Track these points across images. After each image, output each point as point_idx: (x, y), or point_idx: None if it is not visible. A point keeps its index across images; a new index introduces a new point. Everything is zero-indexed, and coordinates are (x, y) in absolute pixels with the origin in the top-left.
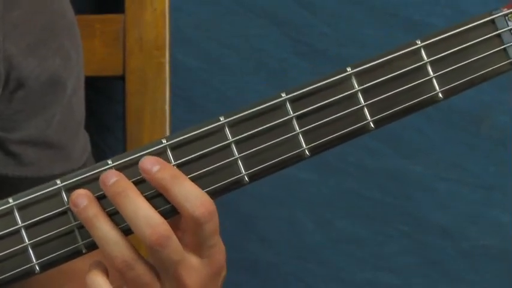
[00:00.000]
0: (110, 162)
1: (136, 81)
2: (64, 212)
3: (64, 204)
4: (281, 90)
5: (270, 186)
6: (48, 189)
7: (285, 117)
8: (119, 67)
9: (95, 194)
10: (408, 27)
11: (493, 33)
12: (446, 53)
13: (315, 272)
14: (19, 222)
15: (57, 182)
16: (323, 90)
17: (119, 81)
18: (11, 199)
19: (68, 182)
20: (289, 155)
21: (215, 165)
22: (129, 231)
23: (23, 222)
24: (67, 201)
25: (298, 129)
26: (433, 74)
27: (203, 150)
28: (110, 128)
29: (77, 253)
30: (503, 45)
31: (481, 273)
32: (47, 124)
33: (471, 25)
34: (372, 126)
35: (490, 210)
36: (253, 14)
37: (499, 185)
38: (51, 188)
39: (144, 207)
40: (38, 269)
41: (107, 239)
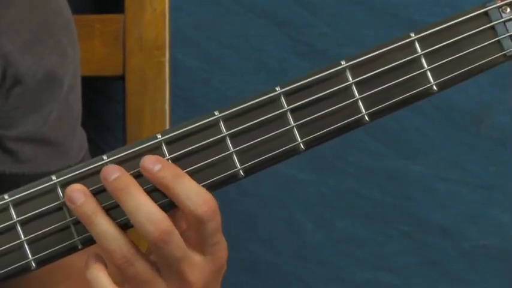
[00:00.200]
0: (105, 157)
1: (136, 81)
2: (60, 208)
3: (59, 199)
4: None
5: (270, 186)
6: (43, 185)
7: (279, 111)
8: (119, 67)
9: (91, 189)
10: (408, 27)
11: (486, 25)
12: (441, 45)
13: (315, 272)
14: (14, 218)
15: (53, 177)
16: (317, 84)
17: (118, 81)
18: (6, 195)
19: (64, 178)
20: (284, 148)
21: (210, 159)
22: (126, 226)
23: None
24: (62, 197)
25: (292, 122)
26: (427, 66)
27: (198, 144)
28: (110, 128)
29: (73, 249)
30: (497, 37)
31: (481, 273)
32: (44, 121)
33: (465, 17)
34: (367, 119)
35: (490, 210)
36: (253, 14)
37: (499, 185)
38: (47, 184)
39: (146, 203)
40: (34, 265)
41: (106, 235)
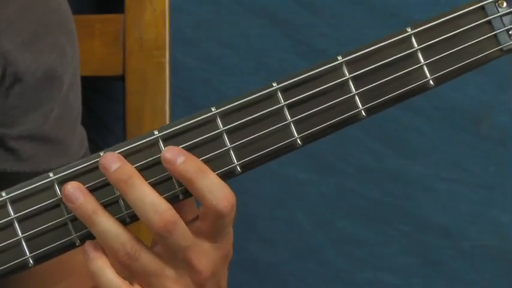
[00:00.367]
0: (102, 154)
1: (136, 81)
2: (57, 205)
3: (57, 196)
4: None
5: (270, 186)
6: (41, 182)
7: (276, 106)
8: (119, 67)
9: (89, 185)
10: None
11: (483, 20)
12: (437, 40)
13: (315, 272)
14: (12, 215)
15: (50, 174)
16: (314, 79)
17: (118, 81)
18: (4, 192)
19: (61, 175)
20: (281, 144)
21: (207, 155)
22: (125, 222)
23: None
24: (60, 194)
25: (289, 118)
26: (424, 61)
27: (195, 140)
28: (110, 128)
29: (70, 245)
30: (493, 32)
31: (481, 273)
32: (44, 119)
33: (461, 12)
34: (364, 114)
35: (490, 210)
36: (253, 14)
37: (499, 185)
38: (44, 181)
39: (149, 194)
40: (31, 262)
41: (108, 234)
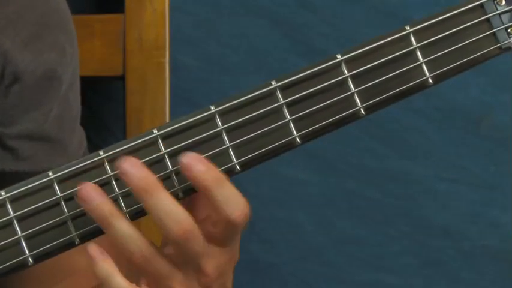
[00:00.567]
0: (101, 153)
1: (136, 81)
2: (56, 203)
3: (56, 195)
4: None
5: (271, 186)
6: (40, 181)
7: (275, 105)
8: (119, 67)
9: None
10: None
11: (482, 18)
12: (436, 38)
13: (316, 273)
14: (11, 214)
15: (49, 173)
16: (313, 78)
17: (118, 81)
18: (3, 192)
19: (60, 174)
20: (280, 142)
21: (206, 154)
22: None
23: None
24: (59, 193)
25: (288, 116)
26: (423, 59)
27: (194, 139)
28: (110, 128)
29: (70, 244)
30: (492, 30)
31: (481, 273)
32: (44, 118)
33: (460, 10)
34: (363, 112)
35: (490, 210)
36: (253, 14)
37: (499, 185)
38: (44, 180)
39: (170, 203)
40: (31, 261)
41: (125, 237)
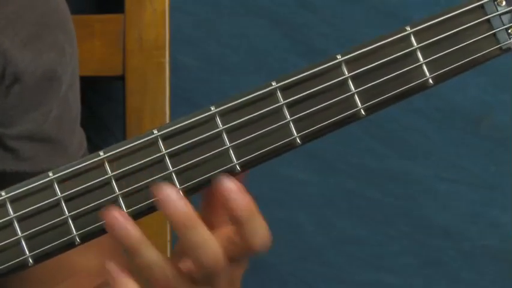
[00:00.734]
0: (101, 153)
1: (136, 81)
2: (57, 204)
3: (56, 195)
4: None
5: (271, 186)
6: (40, 182)
7: (275, 105)
8: (119, 67)
9: (88, 185)
10: None
11: (482, 18)
12: (436, 38)
13: (316, 273)
14: (11, 214)
15: (50, 174)
16: (313, 78)
17: (118, 81)
18: (3, 192)
19: (60, 174)
20: (281, 143)
21: (207, 154)
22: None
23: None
24: (59, 193)
25: (289, 117)
26: (423, 60)
27: (194, 139)
28: (110, 128)
29: (70, 244)
30: (492, 30)
31: (481, 273)
32: (44, 119)
33: (460, 10)
34: (363, 113)
35: (490, 210)
36: (253, 14)
37: (499, 185)
38: (44, 180)
39: (206, 238)
40: (31, 261)
41: (153, 265)
